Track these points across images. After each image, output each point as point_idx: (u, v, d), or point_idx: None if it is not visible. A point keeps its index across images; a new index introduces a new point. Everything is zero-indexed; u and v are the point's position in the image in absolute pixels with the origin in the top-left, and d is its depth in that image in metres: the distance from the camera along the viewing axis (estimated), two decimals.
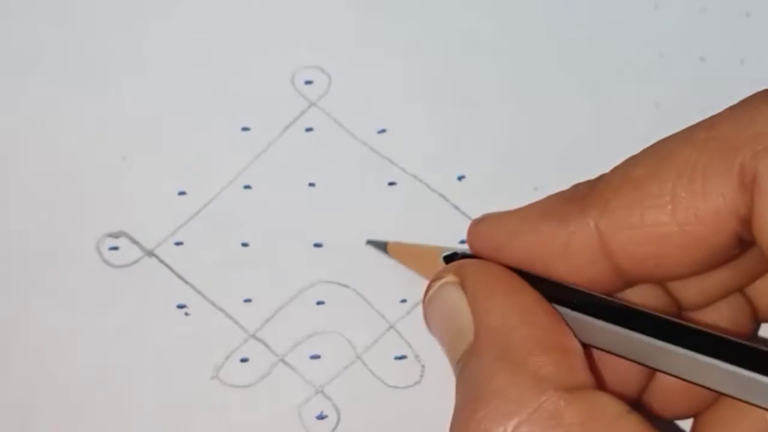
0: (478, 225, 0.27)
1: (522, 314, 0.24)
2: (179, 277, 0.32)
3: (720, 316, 0.28)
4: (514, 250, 0.25)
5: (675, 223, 0.23)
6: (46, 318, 0.31)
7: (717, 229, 0.23)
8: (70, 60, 0.34)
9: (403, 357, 0.31)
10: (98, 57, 0.34)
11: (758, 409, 0.25)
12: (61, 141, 0.33)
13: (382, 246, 0.31)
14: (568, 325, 0.24)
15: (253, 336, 0.31)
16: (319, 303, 0.32)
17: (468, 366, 0.24)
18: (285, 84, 0.33)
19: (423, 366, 0.31)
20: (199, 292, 0.32)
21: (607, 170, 0.33)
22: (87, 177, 0.32)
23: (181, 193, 0.32)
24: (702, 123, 0.24)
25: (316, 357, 0.31)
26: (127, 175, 0.32)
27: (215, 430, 0.31)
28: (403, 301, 0.32)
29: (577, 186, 0.26)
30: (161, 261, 0.32)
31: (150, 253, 0.32)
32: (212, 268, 0.32)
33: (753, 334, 0.29)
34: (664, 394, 0.28)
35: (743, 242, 0.23)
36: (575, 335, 0.24)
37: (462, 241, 0.32)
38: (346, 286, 0.32)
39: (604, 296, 0.25)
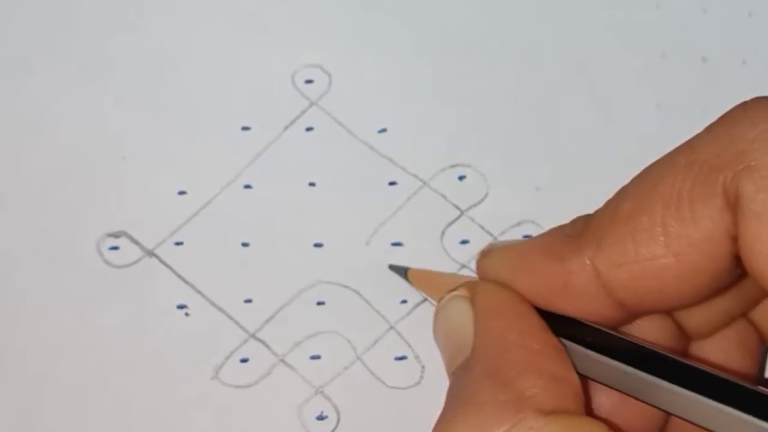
0: (483, 260, 0.27)
1: (520, 337, 0.24)
2: (179, 277, 0.32)
3: (727, 342, 0.27)
4: (518, 287, 0.25)
5: (670, 254, 0.23)
6: (46, 317, 0.31)
7: (713, 255, 0.22)
8: (70, 60, 0.33)
9: (403, 358, 0.31)
10: (97, 56, 0.34)
11: None
12: (61, 141, 0.33)
13: (402, 271, 0.31)
14: (570, 357, 0.24)
15: (253, 336, 0.31)
16: (320, 303, 0.32)
17: (458, 378, 0.24)
18: (285, 83, 0.33)
19: (423, 367, 0.31)
20: (200, 292, 0.31)
21: (609, 171, 0.33)
22: (87, 177, 0.32)
23: (181, 193, 0.32)
24: (683, 146, 0.23)
25: (316, 357, 0.31)
26: (128, 175, 0.32)
27: (215, 431, 0.31)
28: (404, 301, 0.32)
29: (574, 222, 0.25)
30: (161, 261, 0.32)
31: (150, 253, 0.32)
32: (212, 268, 0.32)
33: (762, 359, 0.29)
34: None
35: (742, 264, 0.23)
36: (576, 368, 0.24)
37: (463, 241, 0.32)
38: (346, 286, 0.32)
39: (611, 331, 0.25)
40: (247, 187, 0.32)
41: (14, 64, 0.33)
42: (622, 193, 0.24)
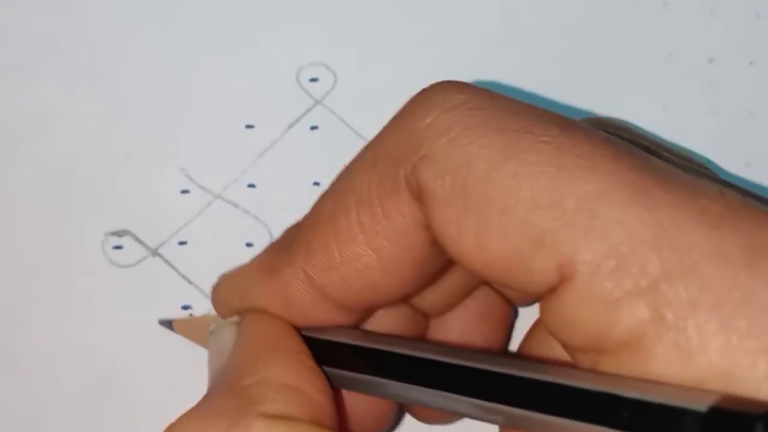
0: (214, 291, 0.27)
1: (270, 353, 0.24)
2: (183, 277, 0.31)
3: (468, 314, 0.27)
4: (246, 311, 0.25)
5: (370, 251, 0.23)
6: (50, 317, 0.31)
7: (410, 245, 0.22)
8: (73, 59, 0.33)
9: None
10: (101, 55, 0.33)
11: None
12: (64, 140, 0.32)
13: (168, 324, 0.30)
14: (326, 375, 0.24)
15: None
16: None
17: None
18: (290, 81, 0.33)
19: None
20: (204, 293, 0.31)
21: None
22: (90, 176, 0.32)
23: (185, 192, 0.32)
24: (371, 141, 0.24)
25: None
26: (131, 174, 0.32)
27: None
28: None
29: (287, 231, 0.25)
30: (165, 260, 0.32)
31: (154, 252, 0.32)
32: (216, 268, 0.31)
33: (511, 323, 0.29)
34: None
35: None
36: (331, 383, 0.24)
37: None
38: None
39: (353, 342, 0.24)
40: (251, 186, 0.32)
41: (18, 63, 0.33)
42: (325, 195, 0.24)
